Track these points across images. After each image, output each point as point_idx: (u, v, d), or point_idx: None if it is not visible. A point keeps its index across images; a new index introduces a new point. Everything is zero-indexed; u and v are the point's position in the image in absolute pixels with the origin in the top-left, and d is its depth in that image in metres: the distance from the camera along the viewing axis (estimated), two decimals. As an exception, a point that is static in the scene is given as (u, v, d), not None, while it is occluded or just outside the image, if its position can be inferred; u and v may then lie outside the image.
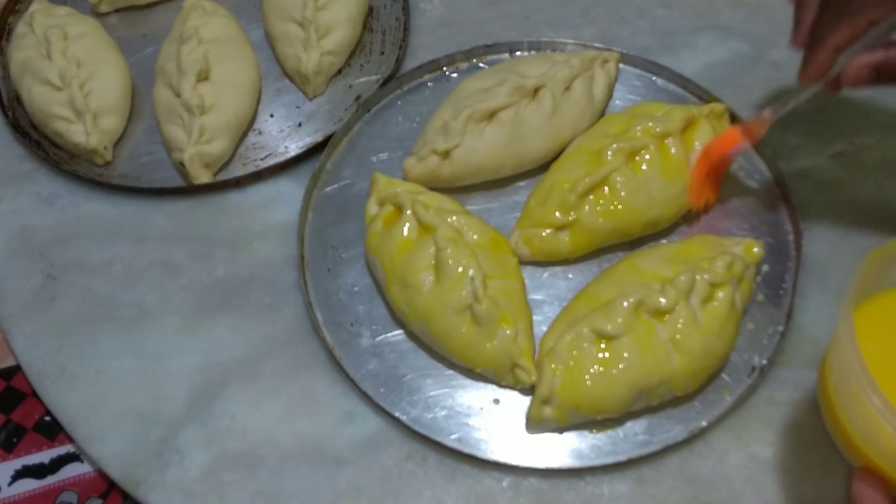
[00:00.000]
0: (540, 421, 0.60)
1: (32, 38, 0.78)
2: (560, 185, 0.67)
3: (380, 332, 0.67)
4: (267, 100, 0.81)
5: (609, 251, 0.69)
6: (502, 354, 0.61)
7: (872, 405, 0.46)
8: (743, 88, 0.78)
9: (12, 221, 0.75)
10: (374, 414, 0.63)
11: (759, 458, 0.61)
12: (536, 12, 0.85)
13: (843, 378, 0.51)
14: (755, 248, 0.64)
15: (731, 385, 0.63)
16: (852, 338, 0.47)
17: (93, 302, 0.70)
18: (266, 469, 0.62)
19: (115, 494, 0.69)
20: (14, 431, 0.71)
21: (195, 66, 0.74)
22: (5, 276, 0.72)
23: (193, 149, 0.73)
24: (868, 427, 0.50)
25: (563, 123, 0.72)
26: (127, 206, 0.75)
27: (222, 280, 0.70)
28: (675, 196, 0.68)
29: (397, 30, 0.84)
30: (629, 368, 0.59)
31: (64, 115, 0.75)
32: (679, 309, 0.59)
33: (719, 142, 0.68)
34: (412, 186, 0.69)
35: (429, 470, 0.61)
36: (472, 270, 0.61)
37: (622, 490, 0.60)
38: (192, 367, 0.66)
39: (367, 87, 0.80)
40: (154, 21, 0.86)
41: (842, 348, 0.49)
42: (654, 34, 0.83)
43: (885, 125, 0.76)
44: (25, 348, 0.68)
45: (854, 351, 0.47)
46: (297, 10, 0.78)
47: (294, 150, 0.77)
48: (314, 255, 0.70)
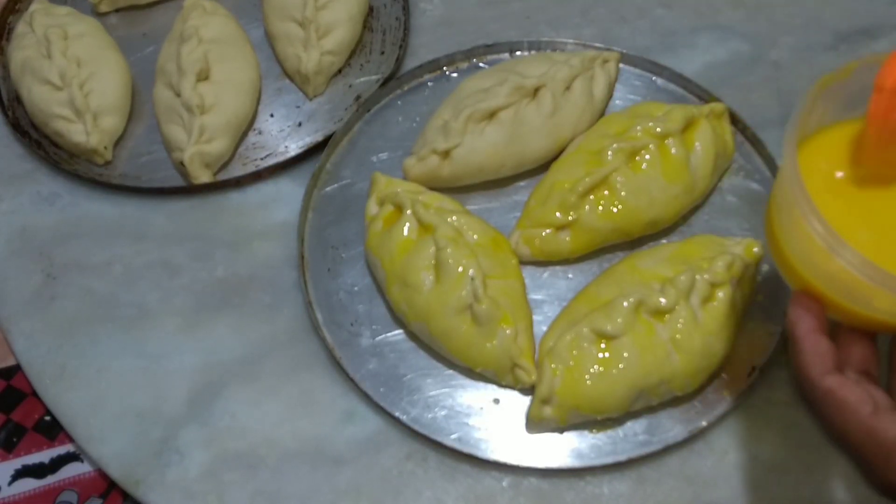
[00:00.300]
0: (540, 421, 0.60)
1: (32, 38, 0.78)
2: (560, 184, 0.67)
3: (380, 331, 0.67)
4: (267, 99, 0.81)
5: (609, 251, 0.69)
6: (502, 354, 0.61)
7: (813, 231, 0.46)
8: (743, 88, 0.78)
9: (12, 221, 0.75)
10: (374, 414, 0.63)
11: (759, 458, 0.61)
12: (536, 12, 0.85)
13: (785, 206, 0.51)
14: (755, 248, 0.64)
15: (731, 385, 0.63)
16: (795, 167, 0.47)
17: (93, 302, 0.70)
18: (266, 469, 0.62)
19: (115, 494, 0.69)
20: (14, 431, 0.71)
21: (195, 65, 0.74)
22: (5, 276, 0.72)
23: (193, 148, 0.73)
24: (806, 251, 0.50)
25: (563, 123, 0.72)
26: (127, 206, 0.75)
27: (222, 280, 0.70)
28: (676, 196, 0.67)
29: (397, 29, 0.84)
30: (629, 368, 0.59)
31: (64, 115, 0.75)
32: (679, 309, 0.59)
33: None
34: (412, 186, 0.69)
35: (429, 470, 0.61)
36: (473, 270, 0.62)
37: (622, 490, 0.60)
38: (192, 366, 0.66)
39: (367, 86, 0.80)
40: (154, 21, 0.86)
41: (786, 179, 0.49)
42: (654, 34, 0.83)
43: (885, 125, 0.76)
44: (25, 348, 0.68)
45: (796, 179, 0.47)
46: (298, 10, 0.78)
47: (294, 149, 0.77)
48: (314, 255, 0.70)
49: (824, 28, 0.82)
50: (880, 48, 0.80)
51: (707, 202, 0.72)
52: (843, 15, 0.83)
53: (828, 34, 0.82)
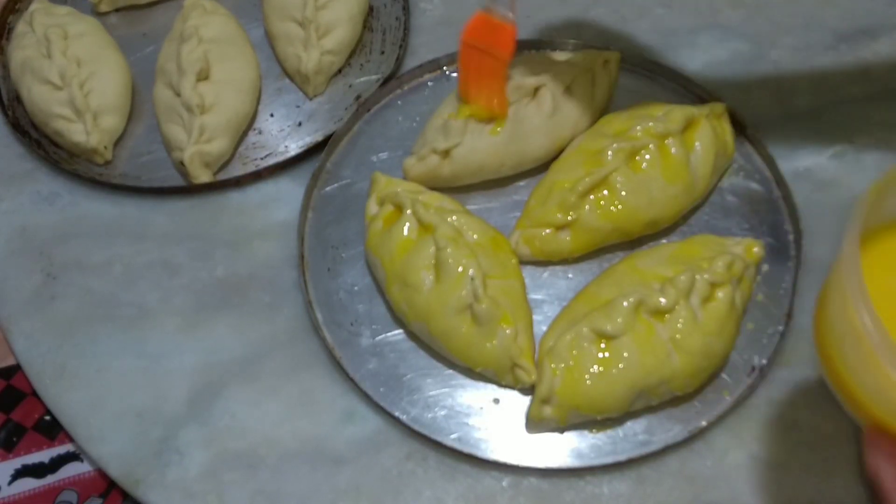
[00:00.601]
0: (540, 421, 0.60)
1: (32, 38, 0.78)
2: (560, 184, 0.67)
3: (380, 331, 0.67)
4: (267, 99, 0.81)
5: (609, 251, 0.69)
6: (502, 354, 0.61)
7: (884, 363, 0.39)
8: (743, 88, 0.78)
9: (12, 221, 0.75)
10: (374, 413, 0.63)
11: (759, 458, 0.61)
12: (536, 12, 0.85)
13: (850, 334, 0.42)
14: (755, 248, 0.64)
15: (731, 385, 0.63)
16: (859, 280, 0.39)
17: (93, 301, 0.70)
18: (266, 468, 0.62)
19: (115, 494, 0.69)
20: (14, 431, 0.71)
21: (195, 65, 0.74)
22: (5, 276, 0.72)
23: (193, 148, 0.73)
24: (882, 387, 0.41)
25: (563, 123, 0.72)
26: (127, 206, 0.75)
27: (222, 279, 0.70)
28: (676, 196, 0.67)
29: (397, 29, 0.84)
30: (629, 368, 0.59)
31: (64, 115, 0.75)
32: (679, 309, 0.59)
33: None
34: (412, 186, 0.69)
35: (429, 469, 0.61)
36: (472, 270, 0.61)
37: (622, 490, 0.60)
38: (192, 366, 0.66)
39: (367, 86, 0.80)
40: (154, 20, 0.86)
41: (843, 290, 0.41)
42: (654, 34, 0.83)
43: (885, 125, 0.76)
44: (25, 347, 0.68)
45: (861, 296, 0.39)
46: (298, 10, 0.78)
47: (294, 149, 0.77)
48: (314, 255, 0.70)
49: (824, 28, 0.82)
50: (880, 48, 0.80)
51: (707, 202, 0.72)
52: (843, 15, 0.83)
53: (828, 34, 0.82)
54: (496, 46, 0.67)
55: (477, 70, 0.68)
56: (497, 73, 0.68)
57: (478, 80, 0.69)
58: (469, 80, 0.69)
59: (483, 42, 0.67)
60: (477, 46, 0.67)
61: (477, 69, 0.68)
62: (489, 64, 0.68)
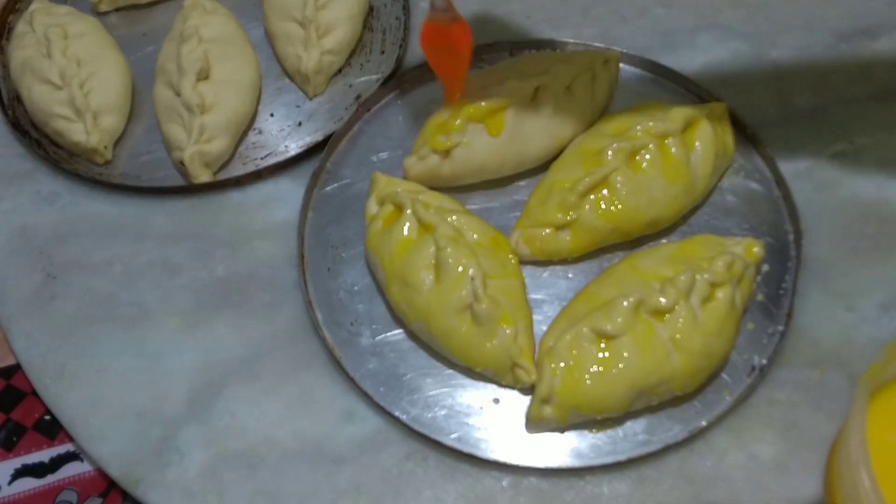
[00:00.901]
0: (540, 420, 0.60)
1: (33, 37, 0.78)
2: (560, 184, 0.67)
3: (380, 331, 0.67)
4: (267, 99, 0.81)
5: (609, 251, 0.69)
6: (502, 354, 0.61)
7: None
8: (743, 88, 0.78)
9: (12, 220, 0.75)
10: (374, 413, 0.63)
11: (759, 458, 0.61)
12: (537, 11, 0.85)
13: (849, 479, 0.47)
14: (755, 248, 0.64)
15: (731, 385, 0.63)
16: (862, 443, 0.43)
17: (93, 301, 0.70)
18: (266, 468, 0.62)
19: (115, 493, 0.69)
20: (14, 430, 0.71)
21: (195, 65, 0.74)
22: (5, 276, 0.72)
23: (193, 148, 0.73)
24: None
25: (563, 123, 0.72)
26: (127, 206, 0.75)
27: (222, 279, 0.70)
28: (676, 196, 0.67)
29: (397, 29, 0.84)
30: (629, 368, 0.59)
31: (64, 114, 0.75)
32: (679, 308, 0.59)
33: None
34: (412, 185, 0.69)
35: (428, 469, 0.61)
36: (472, 270, 0.61)
37: (622, 489, 0.60)
38: (192, 366, 0.66)
39: (367, 86, 0.80)
40: (154, 20, 0.86)
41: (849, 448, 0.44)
42: (654, 34, 0.83)
43: (885, 125, 0.76)
44: (25, 347, 0.68)
45: (863, 458, 0.43)
46: (298, 9, 0.78)
47: (294, 149, 0.77)
48: (314, 255, 0.70)
49: (824, 28, 0.82)
50: (880, 48, 0.80)
51: (707, 202, 0.72)
52: (843, 15, 0.83)
53: (828, 34, 0.82)
54: (455, 44, 0.67)
55: (448, 71, 0.70)
56: (460, 68, 0.69)
57: (451, 81, 0.70)
58: (445, 82, 0.71)
59: (441, 45, 0.68)
60: (437, 50, 0.69)
61: (448, 70, 0.70)
62: (456, 62, 0.69)
